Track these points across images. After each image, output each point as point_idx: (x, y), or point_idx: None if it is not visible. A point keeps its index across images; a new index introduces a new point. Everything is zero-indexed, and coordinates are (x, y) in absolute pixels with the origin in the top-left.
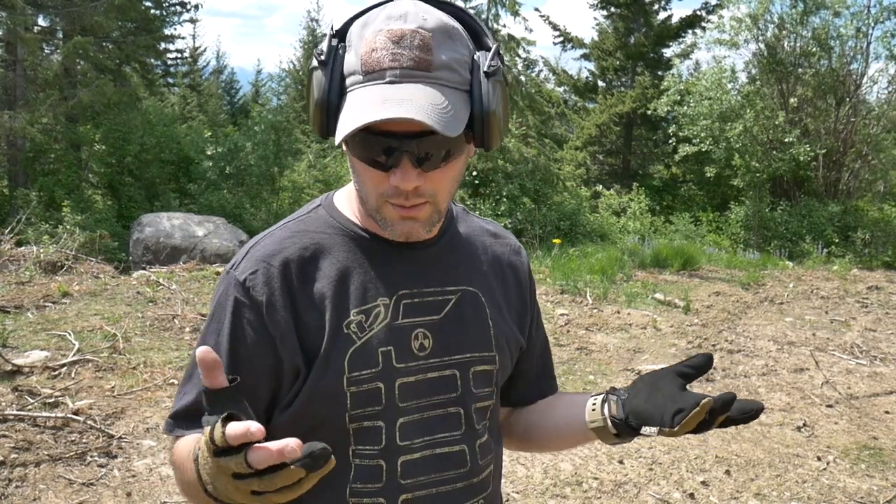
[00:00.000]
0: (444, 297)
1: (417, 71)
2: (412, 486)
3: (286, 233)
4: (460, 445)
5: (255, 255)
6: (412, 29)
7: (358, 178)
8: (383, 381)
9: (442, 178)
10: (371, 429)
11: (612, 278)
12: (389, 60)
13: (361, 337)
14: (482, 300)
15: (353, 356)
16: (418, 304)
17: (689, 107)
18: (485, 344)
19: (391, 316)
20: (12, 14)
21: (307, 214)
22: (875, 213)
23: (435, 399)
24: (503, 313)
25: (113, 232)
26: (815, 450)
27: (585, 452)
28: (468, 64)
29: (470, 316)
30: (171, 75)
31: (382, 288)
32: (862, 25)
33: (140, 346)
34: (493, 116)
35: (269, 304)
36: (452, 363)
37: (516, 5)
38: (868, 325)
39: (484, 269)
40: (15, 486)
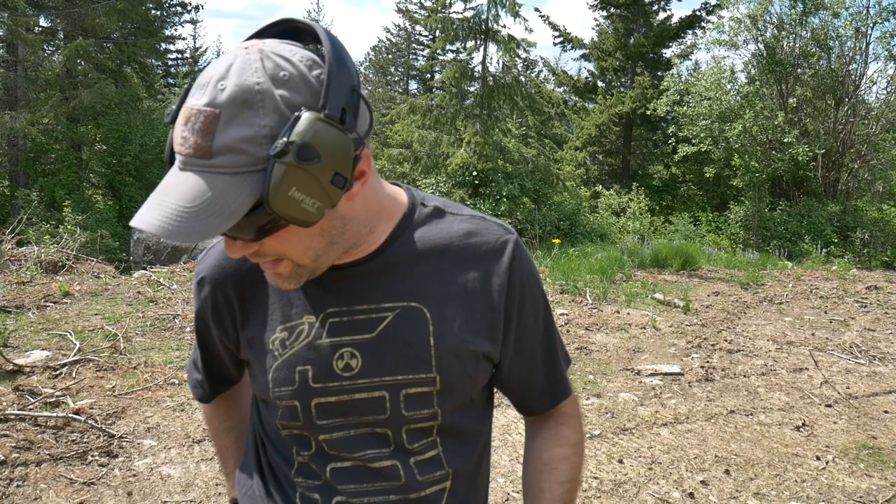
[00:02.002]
0: (380, 314)
1: (196, 159)
2: (345, 490)
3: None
4: (390, 461)
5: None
6: (199, 108)
7: None
8: (299, 399)
9: (284, 242)
10: (300, 436)
11: (612, 278)
12: (179, 144)
13: (283, 354)
14: (426, 316)
15: (274, 373)
16: (347, 322)
17: (689, 107)
18: (421, 365)
19: (314, 335)
20: (14, 15)
21: None
22: (874, 213)
23: (361, 419)
24: (457, 327)
25: (113, 232)
26: (815, 449)
27: (585, 452)
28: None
29: (408, 334)
30: (172, 76)
31: (310, 306)
32: (861, 26)
33: (141, 345)
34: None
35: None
36: (382, 385)
37: (516, 6)
38: (867, 325)
39: (439, 280)
40: (16, 486)
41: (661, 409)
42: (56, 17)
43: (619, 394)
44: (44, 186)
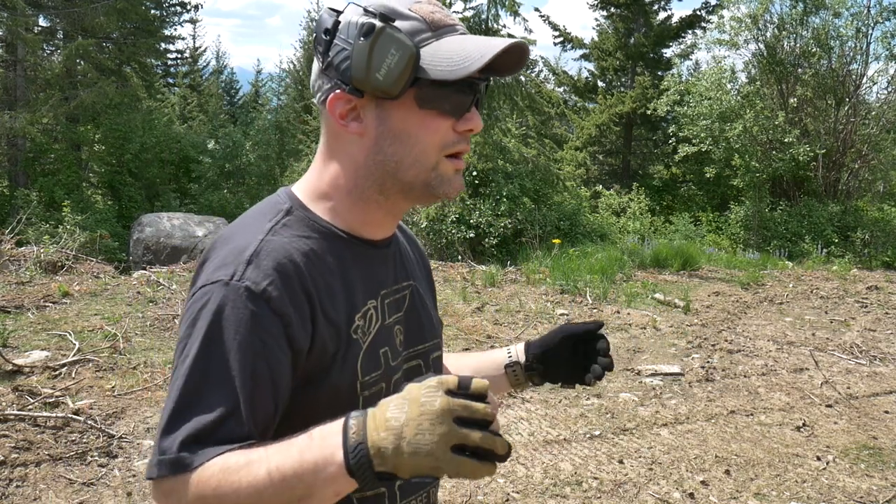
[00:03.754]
0: (403, 292)
1: (462, 27)
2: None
3: (282, 237)
4: None
5: (264, 262)
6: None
7: (407, 140)
8: (385, 381)
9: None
10: None
11: (612, 278)
12: (450, 20)
13: (365, 340)
14: (421, 292)
15: (363, 361)
16: (392, 301)
17: (689, 107)
18: (434, 332)
19: (381, 316)
20: (13, 14)
21: (284, 216)
22: (875, 213)
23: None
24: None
25: (113, 232)
26: (815, 449)
27: (585, 452)
28: None
29: (420, 308)
30: (172, 75)
31: (370, 289)
32: (862, 26)
33: (140, 346)
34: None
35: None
36: (417, 353)
37: (516, 5)
38: (867, 325)
39: (414, 262)
40: (15, 486)
41: (661, 409)
42: (56, 17)
43: (619, 394)
44: (43, 186)
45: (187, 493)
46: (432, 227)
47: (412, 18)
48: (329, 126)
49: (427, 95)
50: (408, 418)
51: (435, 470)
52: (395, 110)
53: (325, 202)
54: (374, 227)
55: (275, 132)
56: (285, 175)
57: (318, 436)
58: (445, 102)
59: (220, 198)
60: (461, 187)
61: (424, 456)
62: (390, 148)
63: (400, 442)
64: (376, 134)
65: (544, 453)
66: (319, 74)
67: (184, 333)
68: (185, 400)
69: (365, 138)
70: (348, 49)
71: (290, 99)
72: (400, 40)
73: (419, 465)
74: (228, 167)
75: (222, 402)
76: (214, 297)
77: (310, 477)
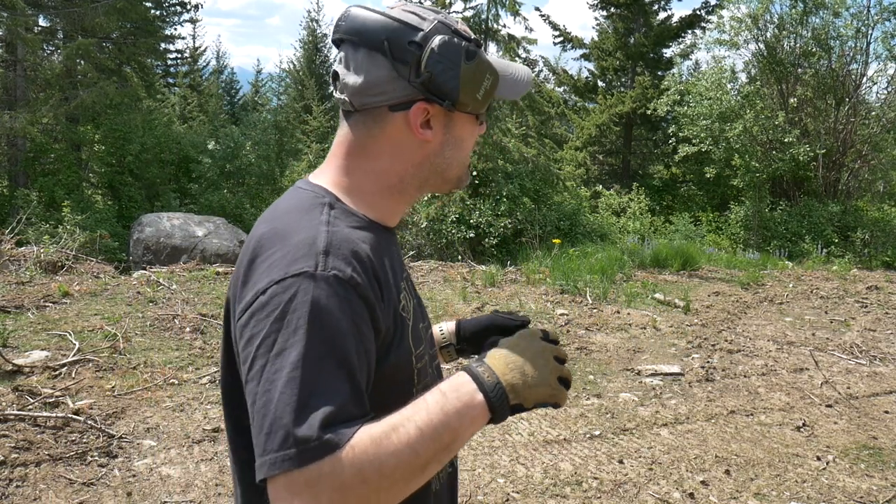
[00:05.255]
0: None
1: None
2: None
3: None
4: None
5: (342, 252)
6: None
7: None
8: (427, 353)
9: None
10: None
11: (612, 278)
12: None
13: (411, 318)
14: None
15: (412, 336)
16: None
17: (689, 107)
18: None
19: (411, 295)
20: (13, 14)
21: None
22: (875, 213)
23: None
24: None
25: (113, 232)
26: (815, 449)
27: (585, 452)
28: None
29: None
30: (172, 75)
31: (399, 272)
32: (862, 26)
33: (140, 346)
34: None
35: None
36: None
37: (516, 5)
38: (867, 325)
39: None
40: (15, 486)
41: (661, 409)
42: (55, 17)
43: (619, 394)
44: (43, 186)
45: (342, 471)
46: (432, 227)
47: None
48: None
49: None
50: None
51: (551, 397)
52: (459, 120)
53: (355, 196)
54: (395, 217)
55: (275, 132)
56: (285, 175)
57: (450, 389)
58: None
59: (220, 198)
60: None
61: (545, 386)
62: (449, 152)
63: (525, 377)
64: (442, 140)
65: (544, 453)
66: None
67: (269, 328)
68: (308, 389)
69: (431, 144)
70: (454, 70)
71: (290, 99)
72: (491, 66)
73: (540, 394)
74: (228, 167)
75: (344, 385)
76: (303, 288)
77: (455, 422)
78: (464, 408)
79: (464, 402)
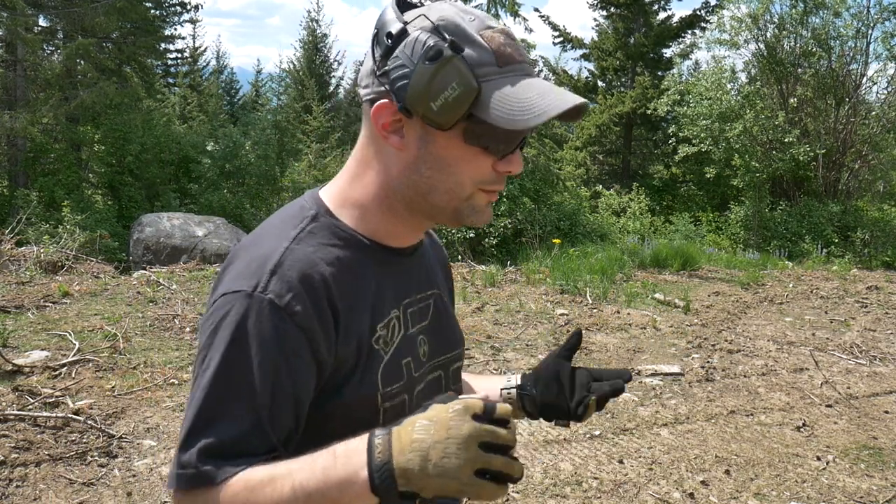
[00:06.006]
0: (426, 301)
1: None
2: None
3: (307, 246)
4: None
5: (288, 274)
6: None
7: (445, 169)
8: (407, 392)
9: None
10: None
11: (612, 278)
12: (518, 55)
13: (388, 351)
14: (444, 300)
15: (384, 372)
16: (415, 311)
17: (689, 107)
18: (457, 342)
19: (403, 326)
20: (13, 14)
21: (311, 224)
22: (875, 213)
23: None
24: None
25: (113, 232)
26: (815, 449)
27: (585, 452)
28: None
29: (443, 317)
30: (172, 75)
31: (392, 299)
32: (862, 26)
33: (140, 346)
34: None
35: (317, 329)
36: (439, 364)
37: (516, 6)
38: (867, 325)
39: (437, 269)
40: (15, 486)
41: (661, 409)
42: (56, 17)
43: None
44: (43, 186)
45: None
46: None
47: (481, 48)
48: (369, 130)
49: (476, 132)
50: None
51: (458, 492)
52: (440, 137)
53: (353, 209)
54: (399, 237)
55: (274, 132)
56: (285, 175)
57: (342, 454)
58: (492, 142)
59: (220, 198)
60: (489, 218)
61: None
62: (427, 171)
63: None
64: (417, 154)
65: (544, 453)
66: (370, 74)
67: (204, 343)
68: (206, 413)
69: (404, 154)
70: (409, 67)
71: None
72: (464, 76)
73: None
74: (228, 167)
75: (244, 416)
76: (236, 308)
77: (335, 493)
78: (346, 481)
79: (348, 475)
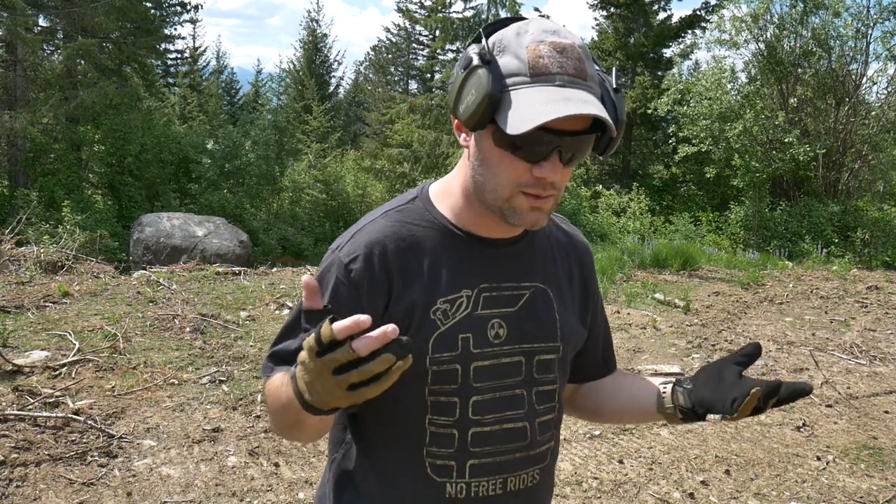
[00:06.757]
0: (520, 291)
1: (578, 79)
2: (480, 453)
3: (387, 221)
4: (523, 422)
5: (359, 240)
6: (570, 43)
7: (490, 168)
8: (460, 363)
9: (568, 175)
10: (447, 403)
11: (612, 278)
12: (557, 67)
13: (445, 323)
14: (551, 296)
15: (436, 340)
16: (496, 297)
17: (689, 107)
18: (551, 335)
19: (472, 306)
20: (13, 14)
21: (405, 205)
22: (875, 213)
23: (505, 381)
24: (569, 308)
25: (113, 232)
26: (815, 449)
27: (585, 452)
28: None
29: (541, 309)
30: (172, 75)
31: (467, 281)
32: (861, 26)
33: (140, 346)
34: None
35: (366, 286)
36: (521, 351)
37: (516, 6)
38: (867, 325)
39: (555, 267)
40: (15, 486)
41: None
42: (55, 17)
43: None
44: (43, 186)
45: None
46: None
47: (519, 59)
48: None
49: (501, 137)
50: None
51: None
52: (484, 139)
53: (448, 199)
54: (488, 228)
55: (274, 132)
56: (285, 175)
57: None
58: (516, 147)
59: (220, 198)
60: (538, 222)
61: (337, 399)
62: (479, 169)
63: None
64: (473, 152)
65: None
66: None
67: None
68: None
69: (469, 152)
70: (454, 76)
71: (290, 99)
72: (481, 83)
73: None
74: (228, 167)
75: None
76: (325, 260)
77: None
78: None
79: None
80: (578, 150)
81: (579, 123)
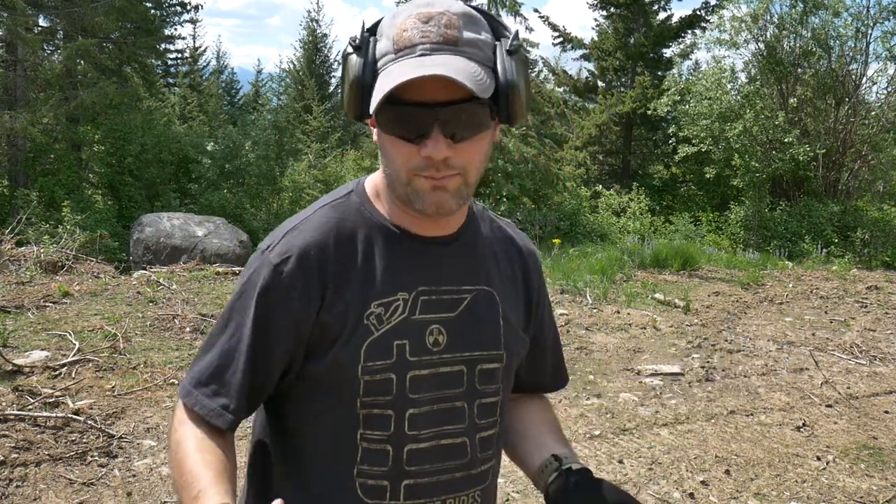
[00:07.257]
0: (461, 295)
1: (446, 45)
2: (416, 472)
3: (321, 219)
4: (462, 438)
5: (292, 240)
6: (439, 11)
7: (387, 156)
8: (395, 372)
9: (471, 151)
10: (381, 416)
11: (612, 278)
12: (420, 37)
13: (379, 329)
14: (496, 299)
15: (369, 346)
16: (435, 300)
17: (689, 106)
18: (494, 342)
19: (409, 311)
20: (13, 14)
21: (341, 201)
22: (874, 213)
23: (444, 392)
24: (514, 314)
25: (113, 232)
26: (815, 449)
27: (585, 452)
28: (491, 46)
29: (483, 315)
30: (172, 75)
31: (403, 283)
32: (861, 26)
33: (140, 346)
34: (516, 89)
35: (298, 290)
36: (462, 359)
37: (516, 5)
38: (867, 325)
39: (500, 270)
40: (15, 486)
41: (661, 409)
42: (55, 17)
43: (619, 394)
44: (43, 186)
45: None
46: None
47: (388, 39)
48: None
49: (380, 121)
50: None
51: None
52: (377, 129)
53: (381, 195)
54: (416, 224)
55: (274, 132)
56: (285, 175)
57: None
58: (394, 128)
59: (220, 198)
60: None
61: None
62: (383, 161)
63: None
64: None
65: None
66: None
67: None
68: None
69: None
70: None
71: (290, 99)
72: (349, 69)
73: None
74: (228, 167)
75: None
76: (252, 262)
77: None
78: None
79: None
80: (460, 121)
81: (455, 92)
